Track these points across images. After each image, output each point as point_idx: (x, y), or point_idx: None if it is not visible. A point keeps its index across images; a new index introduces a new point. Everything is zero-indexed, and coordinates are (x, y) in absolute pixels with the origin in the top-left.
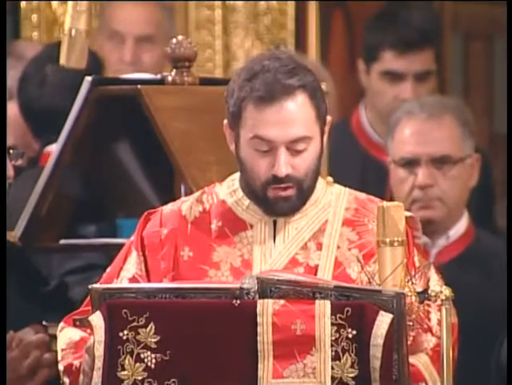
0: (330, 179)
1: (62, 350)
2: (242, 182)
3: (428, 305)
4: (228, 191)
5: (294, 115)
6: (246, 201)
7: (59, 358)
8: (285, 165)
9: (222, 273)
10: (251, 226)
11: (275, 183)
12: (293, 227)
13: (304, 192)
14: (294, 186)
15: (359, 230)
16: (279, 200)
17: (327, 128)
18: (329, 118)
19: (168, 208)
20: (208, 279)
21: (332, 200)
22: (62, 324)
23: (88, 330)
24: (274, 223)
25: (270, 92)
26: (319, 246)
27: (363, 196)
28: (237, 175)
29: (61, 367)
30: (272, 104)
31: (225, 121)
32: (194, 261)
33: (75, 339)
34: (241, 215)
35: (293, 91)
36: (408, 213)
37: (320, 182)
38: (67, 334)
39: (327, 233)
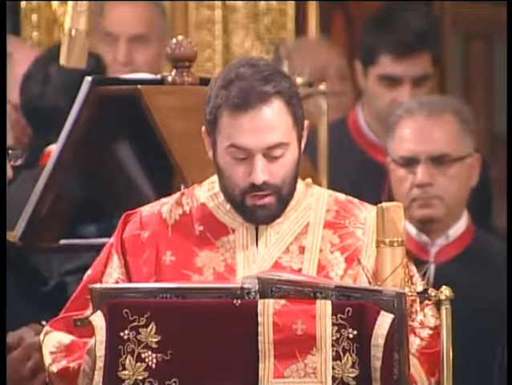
0: (309, 180)
1: (52, 353)
2: (221, 187)
3: (411, 306)
4: (208, 194)
5: (270, 122)
6: (227, 205)
7: (49, 361)
8: (262, 172)
9: (206, 278)
10: (233, 231)
11: (253, 191)
12: (275, 231)
13: (283, 199)
14: (272, 194)
15: (340, 233)
16: (258, 209)
17: (305, 133)
18: (307, 122)
19: (148, 209)
20: None
21: (313, 202)
22: (47, 328)
23: (77, 334)
24: (256, 227)
25: (245, 100)
26: (302, 250)
27: (342, 197)
28: (216, 177)
29: (54, 370)
30: (247, 112)
31: (203, 128)
32: (176, 265)
33: (66, 342)
34: (223, 219)
35: (268, 97)
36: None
37: (300, 184)
38: (55, 338)
39: (309, 236)
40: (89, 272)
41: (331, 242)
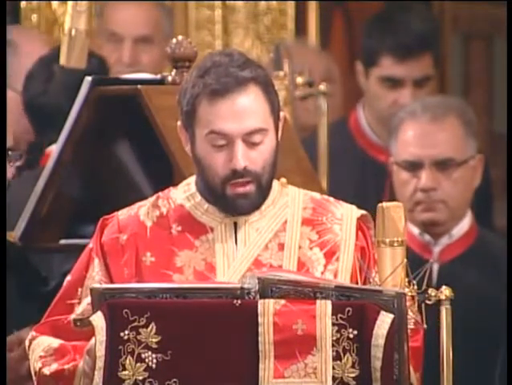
0: (284, 180)
1: (42, 357)
2: (200, 184)
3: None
4: (184, 195)
5: (249, 107)
6: (205, 205)
7: (39, 365)
8: (243, 158)
9: (186, 278)
10: (211, 229)
11: (234, 178)
12: (253, 228)
13: (263, 187)
14: (253, 181)
15: (318, 229)
16: (238, 197)
17: (281, 124)
18: (282, 114)
19: (125, 212)
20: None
21: (288, 200)
22: (33, 333)
23: (64, 337)
24: (235, 225)
25: (222, 85)
26: (281, 247)
27: (318, 196)
28: (192, 179)
29: (46, 373)
30: (225, 97)
31: (179, 123)
32: (157, 266)
33: (55, 346)
34: (201, 218)
35: (245, 82)
36: (362, 212)
37: (275, 183)
38: (43, 342)
39: (287, 233)
40: (69, 278)
41: (309, 239)
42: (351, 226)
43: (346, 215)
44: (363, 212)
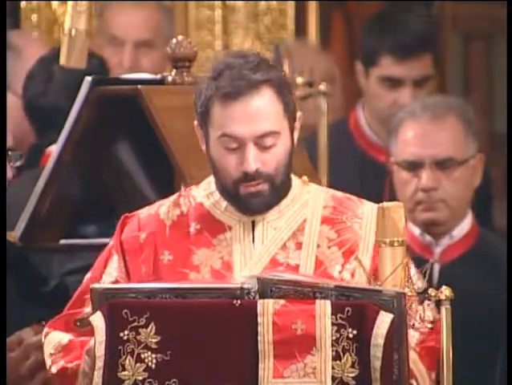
0: (305, 178)
1: (52, 354)
2: (217, 183)
3: (410, 306)
4: (205, 193)
5: (261, 110)
6: (224, 203)
7: (49, 362)
8: (254, 161)
9: (203, 276)
10: (230, 228)
11: (246, 180)
12: (271, 227)
13: (277, 187)
14: (265, 181)
15: (337, 228)
16: (251, 196)
17: (298, 124)
18: (299, 114)
19: (145, 211)
20: None
21: (310, 199)
22: (46, 329)
23: (76, 332)
24: (253, 224)
25: (235, 88)
26: (299, 246)
27: (339, 194)
28: (212, 178)
29: (53, 371)
30: (238, 100)
31: (195, 122)
32: (174, 264)
33: (64, 342)
34: (220, 217)
35: (258, 85)
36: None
37: (296, 182)
38: (54, 339)
39: (306, 231)
40: (89, 274)
41: (328, 238)
42: (372, 225)
43: (367, 213)
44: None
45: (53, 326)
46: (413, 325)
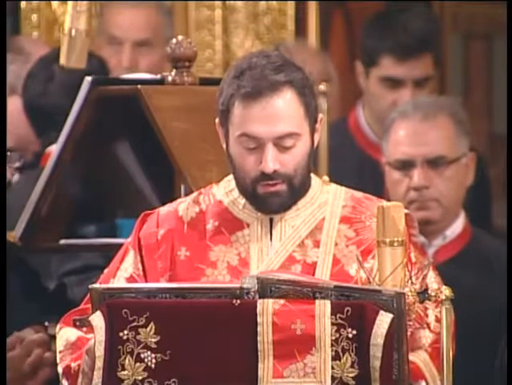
0: (326, 178)
1: (60, 351)
2: (236, 181)
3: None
4: (224, 191)
5: (281, 111)
6: (242, 201)
7: (58, 360)
8: (272, 161)
9: (220, 272)
10: (248, 225)
11: (264, 179)
12: (289, 225)
13: (295, 188)
14: (283, 182)
15: (356, 227)
16: (269, 196)
17: (319, 126)
18: (321, 116)
19: (165, 209)
20: (205, 278)
21: (329, 198)
22: (60, 324)
23: (84, 329)
24: (271, 221)
25: (256, 88)
26: (316, 244)
27: (359, 194)
28: (232, 176)
29: (60, 369)
30: (258, 100)
31: (217, 120)
32: (191, 260)
33: (72, 340)
34: (238, 214)
35: (280, 86)
36: (406, 210)
37: (316, 181)
38: (64, 335)
39: (324, 230)
40: (106, 270)
41: (346, 236)
42: None
43: None
44: (405, 210)
45: (65, 322)
46: (428, 323)
